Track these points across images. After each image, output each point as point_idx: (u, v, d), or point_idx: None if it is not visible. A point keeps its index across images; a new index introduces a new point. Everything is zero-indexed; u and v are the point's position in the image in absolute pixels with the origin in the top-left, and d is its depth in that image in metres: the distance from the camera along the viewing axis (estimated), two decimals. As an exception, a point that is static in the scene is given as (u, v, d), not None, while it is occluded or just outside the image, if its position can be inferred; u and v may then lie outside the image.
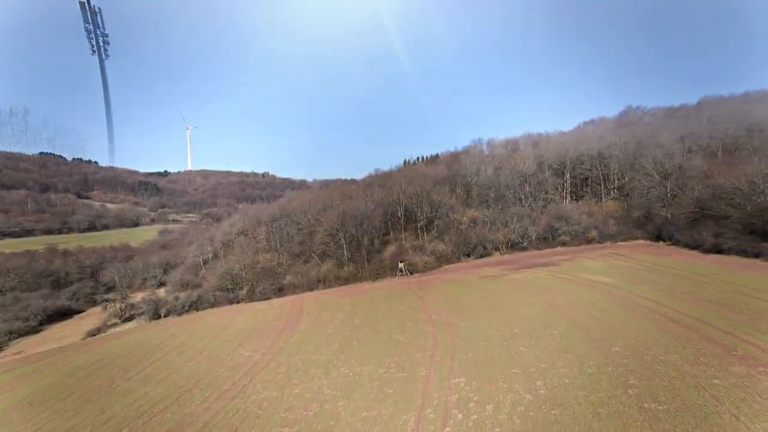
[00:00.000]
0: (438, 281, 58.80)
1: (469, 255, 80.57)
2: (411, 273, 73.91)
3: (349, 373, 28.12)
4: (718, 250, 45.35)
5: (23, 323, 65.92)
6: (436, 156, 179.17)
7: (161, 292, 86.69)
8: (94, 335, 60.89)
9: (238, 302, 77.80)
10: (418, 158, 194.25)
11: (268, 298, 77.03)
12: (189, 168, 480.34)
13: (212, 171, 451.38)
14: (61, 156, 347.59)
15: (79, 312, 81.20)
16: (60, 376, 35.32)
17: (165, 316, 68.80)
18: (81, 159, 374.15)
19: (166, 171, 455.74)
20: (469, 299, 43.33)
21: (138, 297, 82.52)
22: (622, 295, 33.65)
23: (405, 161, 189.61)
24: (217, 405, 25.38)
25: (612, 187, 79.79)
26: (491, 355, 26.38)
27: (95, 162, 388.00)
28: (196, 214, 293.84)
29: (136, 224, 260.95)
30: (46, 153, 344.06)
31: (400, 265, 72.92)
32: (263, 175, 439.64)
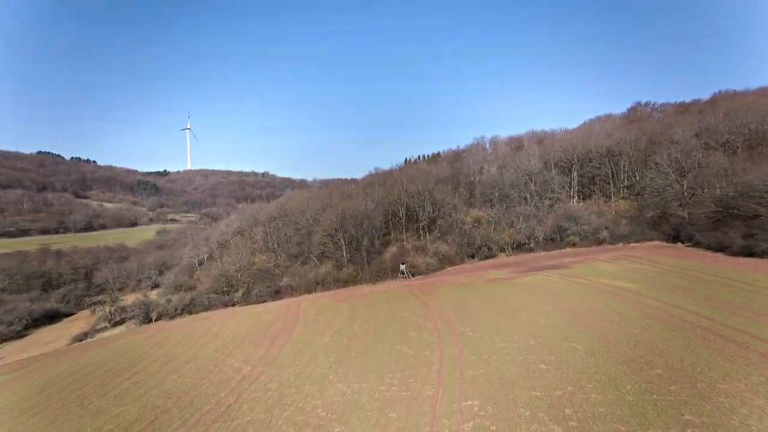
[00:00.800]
0: (441, 284, 55.69)
1: (473, 256, 77.48)
2: (413, 275, 70.84)
3: (347, 391, 25.06)
4: (749, 253, 42.00)
5: (7, 328, 63.03)
6: (438, 154, 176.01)
7: (154, 294, 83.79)
8: (81, 341, 57.96)
9: (233, 305, 74.84)
10: (419, 157, 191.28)
11: (264, 301, 74.07)
12: (189, 167, 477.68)
13: (212, 170, 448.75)
14: (59, 155, 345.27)
15: (69, 315, 78.32)
16: (31, 390, 32.33)
17: (156, 320, 65.85)
18: (79, 158, 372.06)
19: (165, 170, 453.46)
20: (477, 305, 40.20)
21: (131, 299, 79.64)
22: (651, 304, 30.18)
23: (406, 160, 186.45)
24: (195, 430, 22.33)
25: (621, 185, 76.54)
26: (507, 373, 23.28)
27: (94, 161, 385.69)
28: (195, 213, 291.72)
29: (134, 224, 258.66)
30: (45, 152, 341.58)
31: (402, 266, 69.84)
32: (263, 175, 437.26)
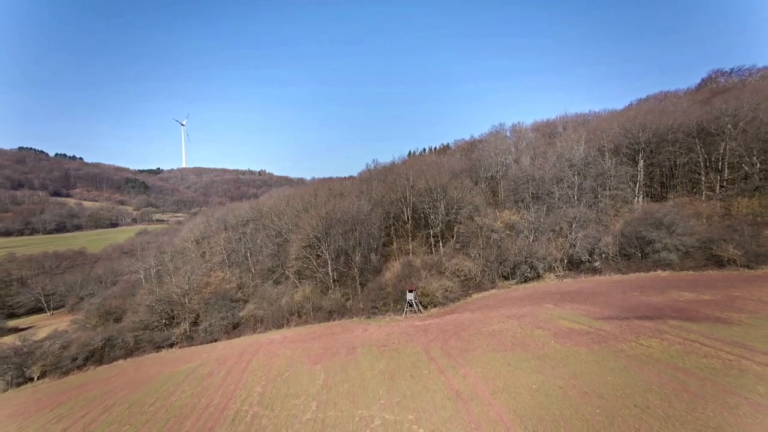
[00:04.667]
0: (478, 334, 33.61)
1: (507, 277, 55.33)
2: (425, 307, 48.87)
3: None
4: None
5: None
6: (447, 146, 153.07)
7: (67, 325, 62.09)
8: None
9: (171, 346, 53.24)
10: (425, 149, 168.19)
11: (214, 340, 52.65)
12: (183, 165, 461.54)
13: (207, 168, 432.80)
14: (42, 151, 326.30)
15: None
16: None
17: (40, 378, 44.10)
18: (64, 155, 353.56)
19: (158, 168, 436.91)
20: (579, 420, 18.08)
21: (46, 329, 58.17)
22: None
23: (410, 153, 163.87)
24: None
25: (723, 178, 53.76)
26: None
27: (80, 158, 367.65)
28: (185, 213, 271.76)
29: (114, 224, 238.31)
30: (26, 148, 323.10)
31: (409, 295, 47.67)
32: (259, 173, 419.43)
